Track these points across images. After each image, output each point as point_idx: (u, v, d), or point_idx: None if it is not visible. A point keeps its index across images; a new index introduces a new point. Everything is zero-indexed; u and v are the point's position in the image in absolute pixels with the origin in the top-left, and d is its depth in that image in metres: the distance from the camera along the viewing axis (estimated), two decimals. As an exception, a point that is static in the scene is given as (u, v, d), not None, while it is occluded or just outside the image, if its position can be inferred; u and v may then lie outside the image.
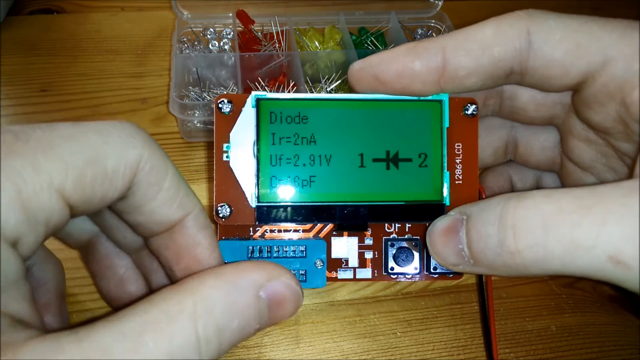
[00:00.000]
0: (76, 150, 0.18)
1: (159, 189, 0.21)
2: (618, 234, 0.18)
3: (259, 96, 0.26)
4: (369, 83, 0.25)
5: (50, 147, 0.17)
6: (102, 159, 0.18)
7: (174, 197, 0.21)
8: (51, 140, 0.18)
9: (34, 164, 0.17)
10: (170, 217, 0.22)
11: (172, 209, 0.21)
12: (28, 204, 0.17)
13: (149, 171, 0.20)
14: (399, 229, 0.27)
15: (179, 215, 0.22)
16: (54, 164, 0.17)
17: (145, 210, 0.21)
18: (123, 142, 0.19)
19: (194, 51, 0.48)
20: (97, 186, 0.18)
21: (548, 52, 0.23)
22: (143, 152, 0.20)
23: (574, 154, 0.27)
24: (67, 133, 0.18)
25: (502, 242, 0.20)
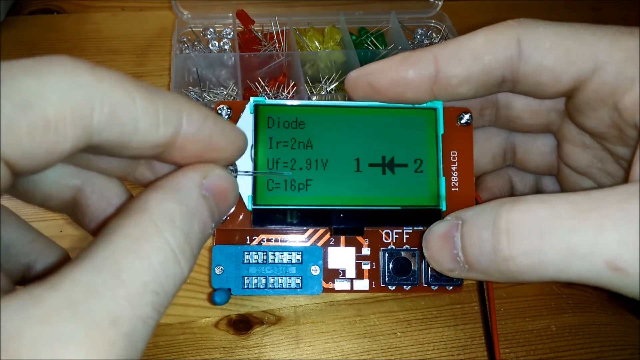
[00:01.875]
0: (4, 95, 0.15)
1: (134, 121, 0.18)
2: (615, 240, 0.18)
3: (258, 102, 0.26)
4: (365, 91, 0.26)
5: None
6: (39, 105, 0.15)
7: (154, 121, 0.18)
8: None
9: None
10: (162, 138, 0.19)
11: (159, 131, 0.19)
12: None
13: (110, 111, 0.17)
14: (396, 240, 0.27)
15: (170, 131, 0.19)
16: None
17: (130, 146, 0.18)
18: (65, 83, 0.16)
19: (194, 51, 0.48)
20: (37, 138, 0.16)
21: (538, 60, 0.23)
22: (93, 91, 0.17)
23: (570, 159, 0.27)
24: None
25: (496, 248, 0.20)
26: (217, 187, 0.20)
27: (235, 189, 0.21)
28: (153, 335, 0.33)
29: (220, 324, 0.34)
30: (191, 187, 0.19)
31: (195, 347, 0.33)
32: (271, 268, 0.26)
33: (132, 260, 0.16)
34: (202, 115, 0.20)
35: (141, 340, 0.16)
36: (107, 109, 0.17)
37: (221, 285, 0.25)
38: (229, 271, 0.26)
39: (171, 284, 0.17)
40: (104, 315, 0.15)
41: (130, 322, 0.16)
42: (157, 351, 0.33)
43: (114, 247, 0.16)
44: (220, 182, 0.20)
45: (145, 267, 0.16)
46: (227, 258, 0.26)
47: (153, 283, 0.16)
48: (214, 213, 0.20)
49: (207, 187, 0.20)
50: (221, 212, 0.21)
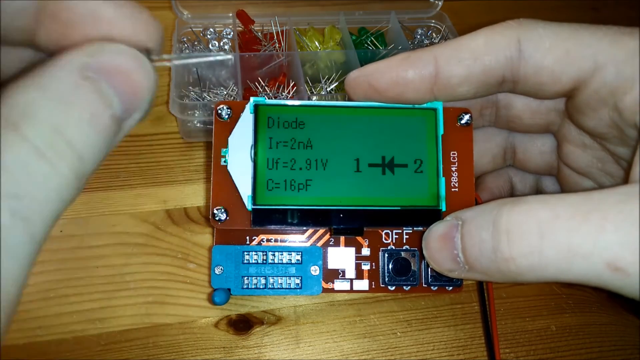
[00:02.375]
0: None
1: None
2: (616, 241, 0.18)
3: (258, 102, 0.26)
4: (365, 91, 0.26)
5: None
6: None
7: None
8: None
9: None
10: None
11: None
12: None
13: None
14: (396, 240, 0.27)
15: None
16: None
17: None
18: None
19: (194, 51, 0.48)
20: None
21: (538, 60, 0.23)
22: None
23: (570, 159, 0.27)
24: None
25: (496, 248, 0.20)
26: (111, 65, 0.16)
27: (144, 66, 0.17)
28: (153, 335, 0.33)
29: (220, 324, 0.34)
30: (65, 69, 0.16)
31: (195, 347, 0.33)
32: (271, 268, 0.26)
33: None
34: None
35: (5, 258, 0.13)
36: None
37: (221, 285, 0.25)
38: (228, 271, 0.26)
39: (40, 185, 0.14)
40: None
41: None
42: (157, 351, 0.33)
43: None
44: (115, 59, 0.16)
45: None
46: (227, 258, 0.26)
47: (7, 185, 0.13)
48: (110, 97, 0.16)
49: (95, 66, 0.16)
50: (125, 97, 0.16)
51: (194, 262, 0.36)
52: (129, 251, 0.36)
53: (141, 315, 0.34)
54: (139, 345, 0.33)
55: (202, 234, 0.38)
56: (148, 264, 0.36)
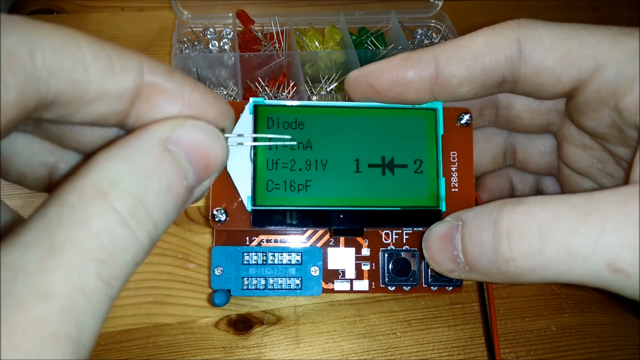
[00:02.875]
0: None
1: (84, 66, 0.16)
2: (616, 242, 0.18)
3: (257, 103, 0.26)
4: (365, 91, 0.26)
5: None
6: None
7: (107, 65, 0.17)
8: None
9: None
10: (123, 87, 0.17)
11: (116, 76, 0.17)
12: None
13: (52, 55, 0.15)
14: (396, 240, 0.27)
15: (130, 78, 0.17)
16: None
17: (90, 97, 0.17)
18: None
19: (194, 51, 0.48)
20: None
21: (539, 60, 0.23)
22: (28, 35, 0.15)
23: (570, 159, 0.27)
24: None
25: (497, 249, 0.20)
26: (191, 140, 0.18)
27: (219, 141, 0.19)
28: (153, 335, 0.33)
29: (220, 324, 0.34)
30: (149, 141, 0.17)
31: (195, 347, 0.33)
32: (271, 269, 0.26)
33: (67, 230, 0.14)
34: (168, 67, 0.19)
35: (88, 316, 0.14)
36: (48, 51, 0.15)
37: (221, 286, 0.25)
38: (228, 272, 0.26)
39: (122, 252, 0.15)
40: (29, 292, 0.13)
41: (67, 296, 0.14)
42: (157, 351, 0.33)
43: (48, 218, 0.15)
44: (194, 134, 0.18)
45: (83, 234, 0.14)
46: (227, 259, 0.26)
47: (95, 250, 0.14)
48: (186, 170, 0.17)
49: (175, 140, 0.17)
50: (199, 169, 0.18)
51: (194, 262, 0.36)
52: (129, 251, 0.36)
53: (141, 315, 0.34)
54: (139, 345, 0.33)
55: (202, 234, 0.38)
56: (148, 264, 0.36)
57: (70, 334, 0.14)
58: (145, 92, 0.18)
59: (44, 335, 0.13)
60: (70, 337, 0.14)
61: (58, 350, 0.14)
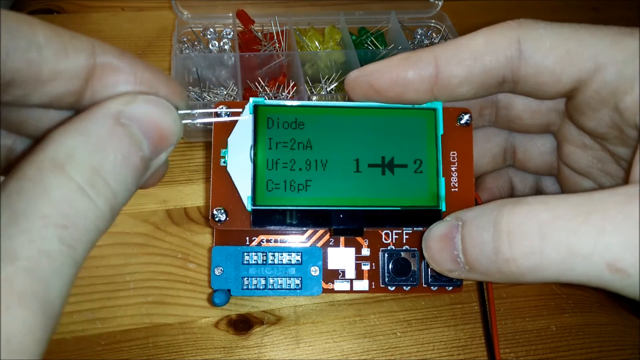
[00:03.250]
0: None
1: (37, 47, 0.17)
2: (616, 242, 0.18)
3: (257, 103, 0.26)
4: (365, 91, 0.26)
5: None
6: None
7: (59, 46, 0.18)
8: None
9: None
10: (76, 66, 0.18)
11: (69, 56, 0.18)
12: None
13: (7, 34, 0.17)
14: (396, 240, 0.27)
15: (82, 58, 0.18)
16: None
17: (45, 77, 0.18)
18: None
19: (194, 51, 0.48)
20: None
21: (539, 60, 0.23)
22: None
23: (570, 159, 0.27)
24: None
25: (497, 249, 0.20)
26: (142, 112, 0.19)
27: (170, 113, 0.20)
28: (153, 335, 0.33)
29: (220, 324, 0.34)
30: (101, 115, 0.18)
31: (195, 347, 0.33)
32: (271, 269, 0.26)
33: (27, 199, 0.15)
34: (118, 49, 0.20)
35: (54, 276, 0.15)
36: (4, 34, 0.16)
37: (221, 286, 0.25)
38: (228, 272, 0.26)
39: (82, 218, 0.16)
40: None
41: (31, 258, 0.15)
42: (157, 351, 0.33)
43: (8, 190, 0.16)
44: (145, 107, 0.19)
45: (43, 202, 0.15)
46: (227, 259, 0.26)
47: (56, 216, 0.16)
48: (140, 142, 0.18)
49: (128, 114, 0.18)
50: (154, 140, 0.19)
51: (194, 262, 0.36)
52: (129, 251, 0.36)
53: (141, 315, 0.34)
54: (139, 345, 0.33)
55: (202, 234, 0.38)
56: (148, 264, 0.36)
57: (36, 293, 0.15)
58: (99, 71, 0.19)
59: (10, 292, 0.14)
60: (37, 295, 0.15)
61: (25, 306, 0.14)
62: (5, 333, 0.14)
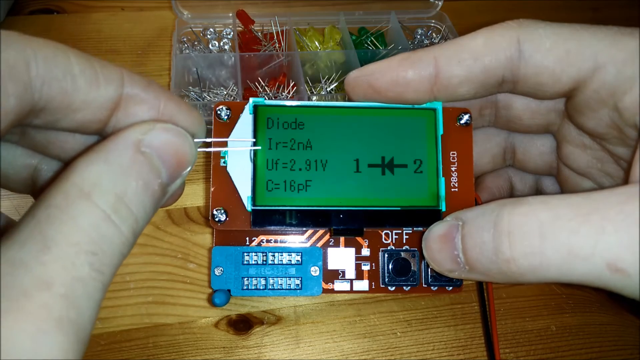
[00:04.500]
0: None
1: (72, 77, 0.18)
2: (616, 242, 0.18)
3: (257, 103, 0.26)
4: (364, 91, 0.26)
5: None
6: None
7: (92, 76, 0.19)
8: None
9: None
10: (105, 97, 0.19)
11: (100, 87, 0.19)
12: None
13: (45, 65, 0.17)
14: (396, 240, 0.27)
15: (112, 89, 0.19)
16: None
17: (76, 105, 0.19)
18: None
19: (194, 51, 0.48)
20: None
21: (538, 60, 0.23)
22: (24, 48, 0.17)
23: (570, 159, 0.27)
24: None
25: (497, 249, 0.20)
26: (161, 141, 0.19)
27: (187, 142, 0.20)
28: (153, 335, 0.33)
29: (220, 324, 0.34)
30: (123, 144, 0.19)
31: (195, 347, 0.33)
32: (271, 269, 0.26)
33: (57, 227, 0.16)
34: (145, 80, 0.21)
35: (85, 301, 0.16)
36: (41, 62, 0.17)
37: (221, 286, 0.25)
38: (228, 272, 0.26)
39: (109, 244, 0.17)
40: (31, 282, 0.15)
41: (65, 284, 0.15)
42: (157, 351, 0.33)
43: (38, 218, 0.16)
44: (163, 136, 0.20)
45: (72, 230, 0.16)
46: (227, 259, 0.26)
47: (85, 243, 0.16)
48: (159, 169, 0.19)
49: (147, 142, 0.19)
50: (171, 167, 0.20)
51: (194, 262, 0.36)
52: (129, 251, 0.36)
53: (141, 315, 0.34)
54: (139, 345, 0.33)
55: (202, 234, 0.38)
56: (148, 264, 0.36)
57: (71, 318, 0.15)
58: (124, 102, 0.20)
59: (48, 318, 0.15)
60: (72, 321, 0.15)
61: (62, 332, 0.15)
62: (45, 357, 0.14)
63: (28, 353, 0.14)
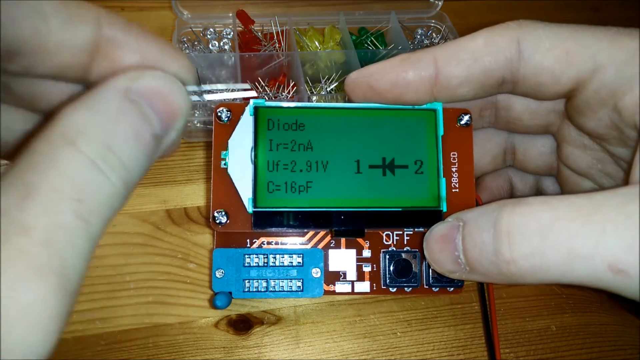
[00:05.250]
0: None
1: (43, 15, 0.17)
2: (617, 243, 0.18)
3: (257, 104, 0.26)
4: (364, 92, 0.26)
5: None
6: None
7: (67, 16, 0.18)
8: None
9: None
10: (81, 38, 0.18)
11: (75, 27, 0.18)
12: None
13: (13, 3, 0.17)
14: (397, 242, 0.27)
15: (88, 29, 0.18)
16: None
17: (50, 47, 0.18)
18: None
19: (194, 51, 0.48)
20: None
21: (538, 61, 0.23)
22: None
23: (570, 160, 0.27)
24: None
25: (497, 250, 0.20)
26: (151, 88, 0.18)
27: (179, 88, 0.19)
28: (153, 335, 0.33)
29: (220, 324, 0.34)
30: (111, 92, 0.18)
31: (195, 347, 0.33)
32: (272, 271, 0.26)
33: (39, 173, 0.15)
34: (125, 21, 0.19)
35: (70, 251, 0.15)
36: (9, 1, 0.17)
37: (222, 288, 0.25)
38: (229, 274, 0.26)
39: (96, 192, 0.16)
40: (11, 227, 0.14)
41: (46, 230, 0.15)
42: (157, 351, 0.33)
43: (20, 166, 0.15)
44: (154, 83, 0.18)
45: (55, 176, 0.15)
46: (228, 261, 0.26)
47: (69, 190, 0.15)
48: (150, 117, 0.18)
49: (137, 90, 0.18)
50: (164, 117, 0.19)
51: (194, 262, 0.36)
52: (128, 251, 0.36)
53: (141, 315, 0.34)
54: (139, 345, 0.33)
55: (202, 234, 0.38)
56: (148, 264, 0.36)
57: (54, 267, 0.14)
58: (104, 46, 0.19)
59: (27, 265, 0.14)
60: (54, 270, 0.14)
61: (43, 280, 0.14)
62: (23, 305, 0.14)
63: (5, 300, 0.13)
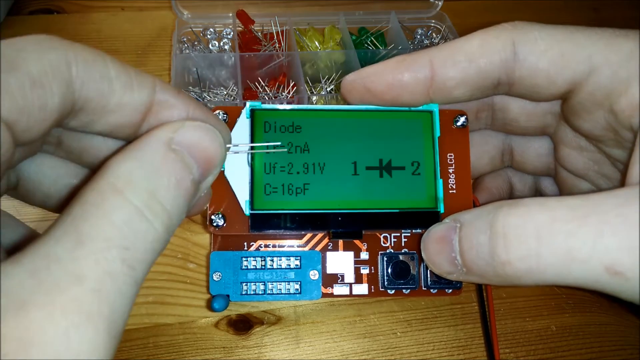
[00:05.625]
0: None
1: (108, 80, 0.19)
2: (615, 245, 0.18)
3: (254, 107, 0.26)
4: (361, 94, 0.26)
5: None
6: (22, 65, 0.17)
7: (127, 80, 0.20)
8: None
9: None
10: (138, 100, 0.20)
11: (134, 91, 0.20)
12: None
13: (84, 68, 0.18)
14: (395, 244, 0.27)
15: (145, 93, 0.20)
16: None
17: (111, 107, 0.20)
18: (41, 46, 0.18)
19: (194, 51, 0.48)
20: (28, 94, 0.17)
21: (533, 62, 0.23)
22: (66, 51, 0.18)
23: (566, 161, 0.27)
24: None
25: (493, 252, 0.20)
26: (191, 138, 0.20)
27: (216, 139, 0.21)
28: (153, 335, 0.33)
29: (220, 324, 0.34)
30: (155, 143, 0.19)
31: (195, 347, 0.33)
32: (270, 274, 0.26)
33: (91, 222, 0.16)
34: (176, 89, 0.21)
35: (117, 297, 0.16)
36: (81, 65, 0.18)
37: (219, 291, 0.25)
38: (227, 277, 0.26)
39: (141, 239, 0.17)
40: (64, 276, 0.15)
41: (96, 279, 0.15)
42: (157, 351, 0.33)
43: (73, 215, 0.16)
44: (194, 133, 0.20)
45: (105, 225, 0.16)
46: (225, 264, 0.26)
47: (117, 239, 0.16)
48: (191, 165, 0.19)
49: (178, 140, 0.19)
50: (202, 164, 0.20)
51: (194, 262, 0.37)
52: (129, 252, 0.36)
53: (141, 315, 0.34)
54: (139, 345, 0.33)
55: (202, 234, 0.38)
56: (148, 264, 0.36)
57: (103, 313, 0.15)
58: (156, 107, 0.21)
59: (80, 312, 0.15)
60: (103, 316, 0.15)
61: (93, 326, 0.15)
62: (75, 351, 0.15)
63: (59, 346, 0.14)
